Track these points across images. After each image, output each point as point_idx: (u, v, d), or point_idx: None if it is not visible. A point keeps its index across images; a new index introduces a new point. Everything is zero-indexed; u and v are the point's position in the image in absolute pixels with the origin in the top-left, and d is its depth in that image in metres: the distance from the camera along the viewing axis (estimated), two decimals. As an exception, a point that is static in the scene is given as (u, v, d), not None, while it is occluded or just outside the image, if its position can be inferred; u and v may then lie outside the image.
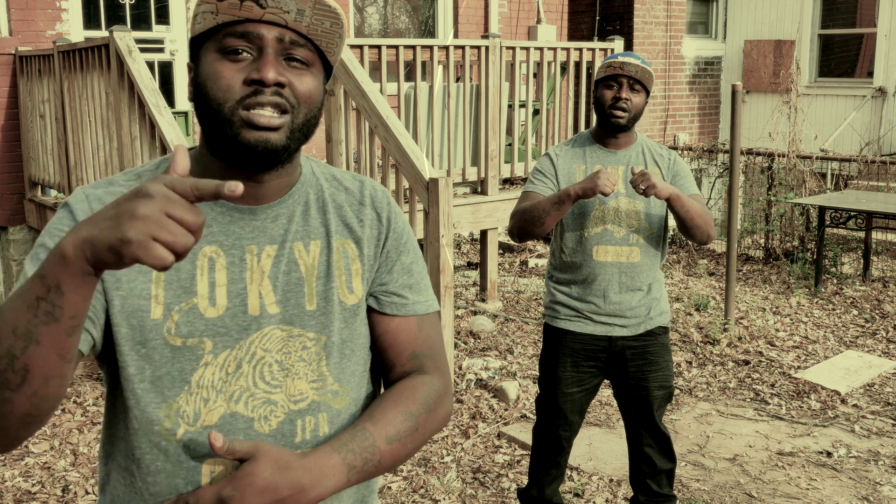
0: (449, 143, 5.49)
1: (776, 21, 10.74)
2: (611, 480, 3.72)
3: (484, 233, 6.12)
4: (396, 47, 5.14)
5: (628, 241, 2.82)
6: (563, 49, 6.15)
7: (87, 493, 3.55)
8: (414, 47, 5.22)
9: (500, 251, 7.99)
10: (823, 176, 8.20)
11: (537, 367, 4.61)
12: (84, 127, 5.32)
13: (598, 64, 3.22)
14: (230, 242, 1.19)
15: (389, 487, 3.60)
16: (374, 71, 5.42)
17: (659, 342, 2.91)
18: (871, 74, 10.23)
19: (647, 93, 2.82)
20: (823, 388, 4.71)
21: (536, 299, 6.42)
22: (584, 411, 3.02)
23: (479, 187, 5.94)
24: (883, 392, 4.68)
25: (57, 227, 1.15)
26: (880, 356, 5.25)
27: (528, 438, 3.89)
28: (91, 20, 6.69)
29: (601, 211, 2.81)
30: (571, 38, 10.19)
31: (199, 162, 1.22)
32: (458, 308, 6.08)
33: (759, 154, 7.94)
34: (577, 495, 3.59)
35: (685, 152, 8.53)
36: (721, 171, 8.28)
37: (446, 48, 5.40)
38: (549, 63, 6.15)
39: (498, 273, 6.79)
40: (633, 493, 3.26)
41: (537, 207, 2.74)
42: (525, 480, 3.64)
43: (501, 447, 4.01)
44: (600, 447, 4.02)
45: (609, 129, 2.83)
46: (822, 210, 6.80)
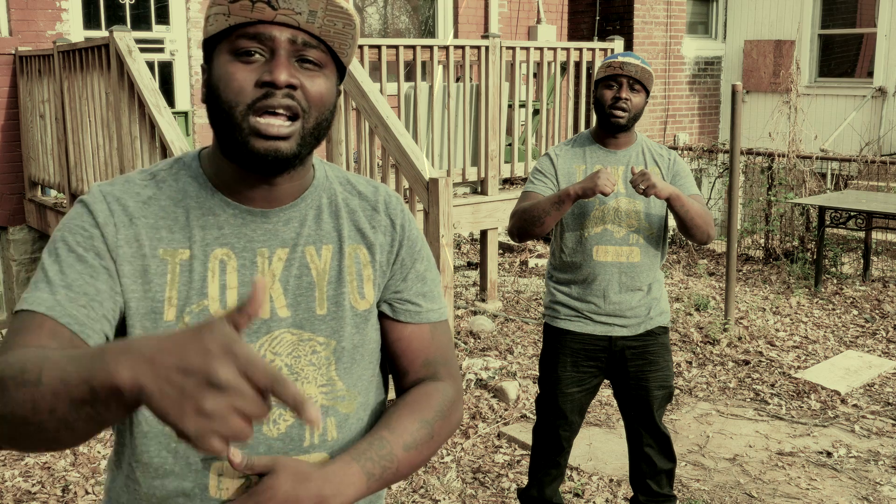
0: (449, 143, 5.49)
1: (776, 21, 10.74)
2: (611, 480, 3.72)
3: (484, 233, 6.12)
4: (396, 47, 5.14)
5: (628, 241, 2.82)
6: (563, 49, 6.15)
7: (87, 493, 3.55)
8: (414, 47, 5.22)
9: (500, 251, 7.99)
10: (823, 176, 8.20)
11: (537, 367, 4.60)
12: (84, 127, 5.32)
13: (598, 64, 3.22)
14: (242, 245, 1.19)
15: (389, 487, 3.61)
16: (374, 71, 5.42)
17: (659, 342, 2.91)
18: (871, 74, 10.23)
19: (647, 93, 2.82)
20: (823, 388, 4.71)
21: (536, 299, 6.42)
22: (584, 411, 3.02)
23: (479, 187, 5.94)
24: (883, 392, 4.68)
25: (77, 224, 1.15)
26: (880, 356, 5.25)
27: (528, 438, 3.89)
28: (91, 20, 6.69)
29: (601, 211, 2.81)
30: (571, 38, 10.19)
31: (212, 162, 1.22)
32: (458, 308, 6.08)
33: (759, 154, 7.94)
34: (577, 495, 3.59)
35: (685, 152, 8.53)
36: (721, 171, 8.28)
37: (446, 48, 5.40)
38: (549, 63, 6.15)
39: (498, 273, 6.79)
40: (633, 493, 3.26)
41: (537, 207, 2.74)
42: (525, 480, 3.64)
43: (501, 447, 4.01)
44: (600, 447, 4.02)
45: (609, 129, 2.83)
46: (822, 210, 6.80)
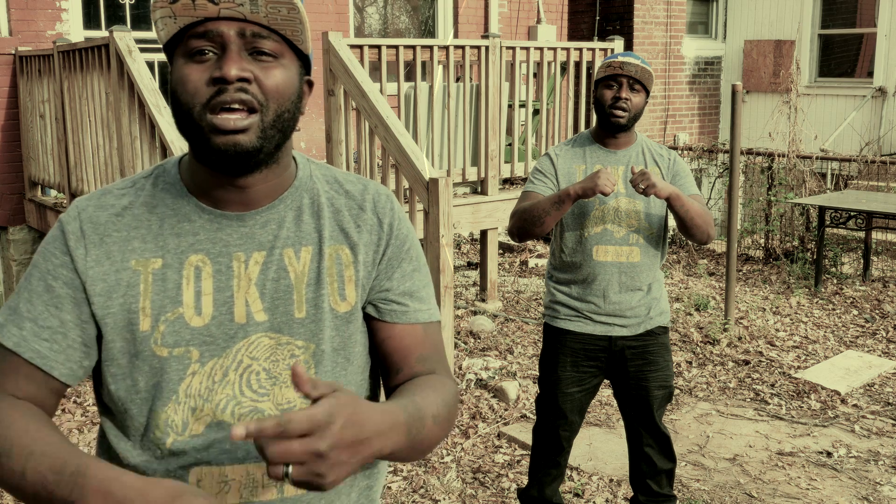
0: (449, 143, 5.49)
1: (776, 21, 10.74)
2: (611, 480, 3.72)
3: (484, 233, 6.12)
4: (396, 47, 5.14)
5: (628, 241, 2.82)
6: (563, 49, 6.15)
7: (87, 493, 3.54)
8: (414, 47, 5.22)
9: (500, 251, 7.99)
10: (823, 176, 8.20)
11: (537, 367, 4.60)
12: (84, 127, 5.32)
13: (598, 64, 3.22)
14: (217, 250, 1.18)
15: (389, 488, 3.60)
16: (374, 71, 5.42)
17: (659, 342, 2.91)
18: (871, 74, 10.23)
19: (647, 93, 2.82)
20: (823, 388, 4.71)
21: (536, 299, 6.42)
22: (584, 411, 3.01)
23: (479, 187, 5.94)
24: (883, 392, 4.68)
25: (50, 251, 1.18)
26: (880, 356, 5.25)
27: (528, 438, 3.89)
28: (91, 20, 6.69)
29: (601, 211, 2.81)
30: (571, 38, 10.19)
31: (189, 168, 1.21)
32: (458, 308, 6.08)
33: (759, 154, 7.94)
34: (577, 495, 3.59)
35: (685, 152, 8.52)
36: (721, 171, 8.28)
37: (446, 48, 5.40)
38: (549, 63, 6.15)
39: (498, 273, 6.79)
40: (633, 493, 3.26)
41: (537, 207, 2.74)
42: (525, 480, 3.64)
43: (501, 447, 4.01)
44: (600, 447, 4.02)
45: (609, 129, 2.83)
46: (822, 210, 6.80)
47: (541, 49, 5.98)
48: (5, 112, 6.42)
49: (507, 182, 6.49)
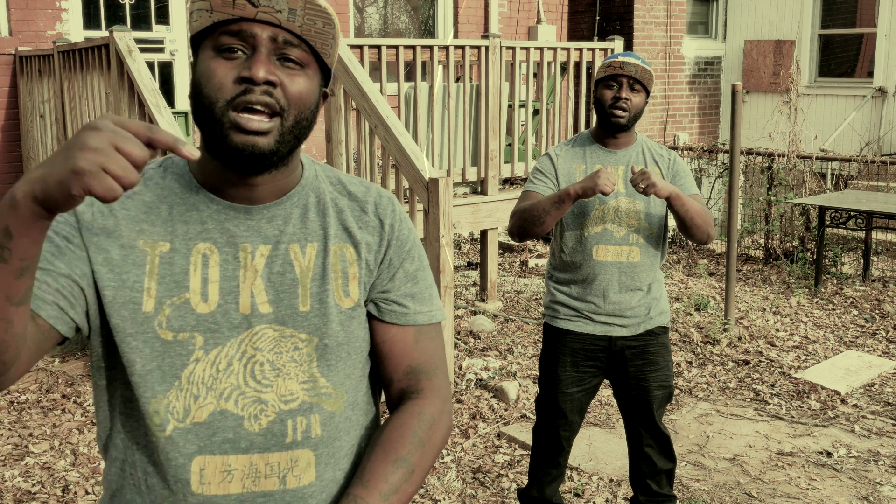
0: (449, 143, 5.49)
1: (776, 21, 10.74)
2: (611, 480, 3.72)
3: (484, 233, 6.12)
4: (396, 47, 5.14)
5: (628, 241, 2.82)
6: (563, 49, 6.15)
7: (87, 493, 3.55)
8: (414, 47, 5.22)
9: (500, 251, 7.99)
10: (823, 176, 8.20)
11: (537, 367, 4.61)
12: (84, 127, 5.32)
13: (599, 64, 3.22)
14: (224, 240, 1.19)
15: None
16: (374, 71, 5.42)
17: (659, 342, 2.91)
18: (871, 74, 10.23)
19: (648, 93, 2.82)
20: (823, 388, 4.71)
21: (536, 299, 6.42)
22: (583, 411, 3.01)
23: (479, 187, 5.94)
24: (883, 392, 4.68)
25: (57, 220, 1.16)
26: (880, 356, 5.25)
27: (528, 438, 3.89)
28: (91, 20, 6.69)
29: (601, 210, 2.81)
30: (571, 38, 10.19)
31: (198, 161, 1.22)
32: (458, 308, 6.08)
33: (759, 154, 7.94)
34: (577, 495, 3.59)
35: (685, 152, 8.53)
36: (721, 171, 8.28)
37: (446, 48, 5.40)
38: (549, 63, 6.15)
39: (498, 273, 6.79)
40: (633, 493, 3.26)
41: (537, 207, 2.74)
42: (525, 480, 3.64)
43: (501, 447, 4.01)
44: (600, 447, 4.02)
45: (609, 129, 2.83)
46: (822, 210, 6.80)
47: (541, 49, 5.98)
48: (5, 112, 6.42)
49: (507, 182, 6.49)
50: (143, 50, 4.63)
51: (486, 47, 5.62)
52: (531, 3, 9.30)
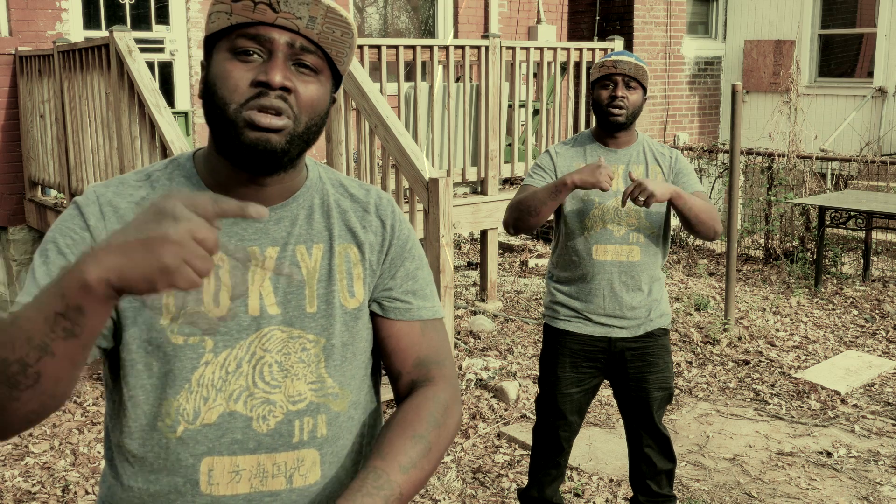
0: (449, 143, 5.49)
1: (776, 21, 10.74)
2: (611, 480, 3.72)
3: (484, 233, 6.12)
4: (396, 47, 5.14)
5: (628, 240, 2.81)
6: (563, 49, 6.15)
7: (87, 493, 3.55)
8: (414, 47, 5.22)
9: (500, 251, 7.99)
10: (823, 176, 8.20)
11: (537, 367, 4.61)
12: (84, 127, 5.32)
13: (597, 64, 3.20)
14: (233, 244, 1.20)
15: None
16: (374, 71, 5.42)
17: (659, 344, 2.90)
18: (871, 74, 10.23)
19: (645, 89, 2.81)
20: (823, 388, 4.71)
21: (536, 299, 6.42)
22: (583, 412, 3.01)
23: (479, 187, 5.94)
24: (883, 392, 4.68)
25: (68, 227, 1.17)
26: (880, 356, 5.25)
27: (528, 438, 3.89)
28: (91, 20, 6.69)
29: (601, 209, 2.81)
30: (571, 38, 10.18)
31: (206, 162, 1.23)
32: (458, 308, 6.08)
33: (759, 154, 7.94)
34: (577, 495, 3.59)
35: (685, 152, 8.53)
36: (721, 171, 8.28)
37: (446, 48, 5.40)
38: (549, 63, 6.15)
39: (498, 273, 6.79)
40: (633, 494, 3.26)
41: (534, 196, 2.72)
42: (525, 480, 3.64)
43: (501, 447, 4.01)
44: (600, 447, 4.02)
45: (609, 129, 2.83)
46: (822, 210, 6.80)
47: (541, 49, 5.98)
48: (5, 112, 6.42)
49: (508, 182, 6.49)
50: (143, 50, 4.63)
51: (486, 47, 5.62)
52: (531, 3, 9.30)
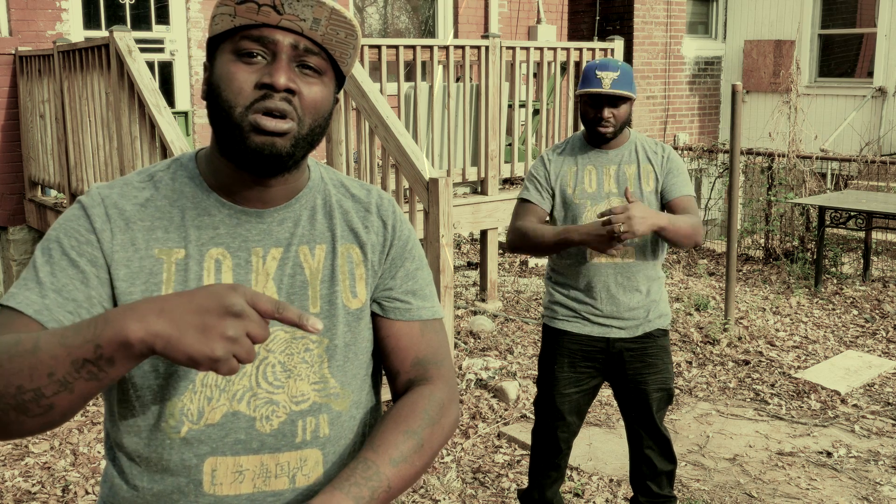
0: (449, 143, 5.49)
1: (776, 21, 10.74)
2: (611, 480, 3.72)
3: (484, 233, 6.12)
4: (396, 47, 5.14)
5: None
6: (563, 49, 6.15)
7: (87, 493, 3.55)
8: (414, 47, 5.22)
9: (500, 251, 7.99)
10: (823, 176, 8.20)
11: (537, 367, 4.61)
12: (84, 127, 5.32)
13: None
14: (237, 245, 1.21)
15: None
16: (374, 71, 5.42)
17: (658, 344, 2.90)
18: (871, 74, 10.23)
19: (632, 98, 2.77)
20: (823, 388, 4.71)
21: (536, 299, 6.42)
22: (583, 413, 3.01)
23: (479, 187, 5.94)
24: (883, 392, 4.68)
25: (73, 228, 1.17)
26: (880, 356, 5.25)
27: (527, 438, 3.89)
28: (91, 20, 6.69)
29: (594, 212, 2.80)
30: (571, 38, 10.19)
31: (209, 163, 1.23)
32: (458, 308, 6.08)
33: (759, 154, 7.94)
34: (577, 495, 3.59)
35: (685, 152, 8.53)
36: (721, 171, 8.28)
37: (446, 48, 5.40)
38: (549, 63, 6.15)
39: (498, 273, 6.79)
40: (633, 494, 3.26)
41: (538, 237, 2.74)
42: (525, 480, 3.64)
43: (501, 447, 4.01)
44: (600, 447, 4.02)
45: (596, 142, 2.83)
46: (822, 210, 6.80)
47: (541, 49, 5.98)
48: (5, 112, 6.42)
49: (507, 182, 6.49)
50: (143, 50, 4.63)
51: (486, 47, 5.62)
52: (531, 3, 9.30)
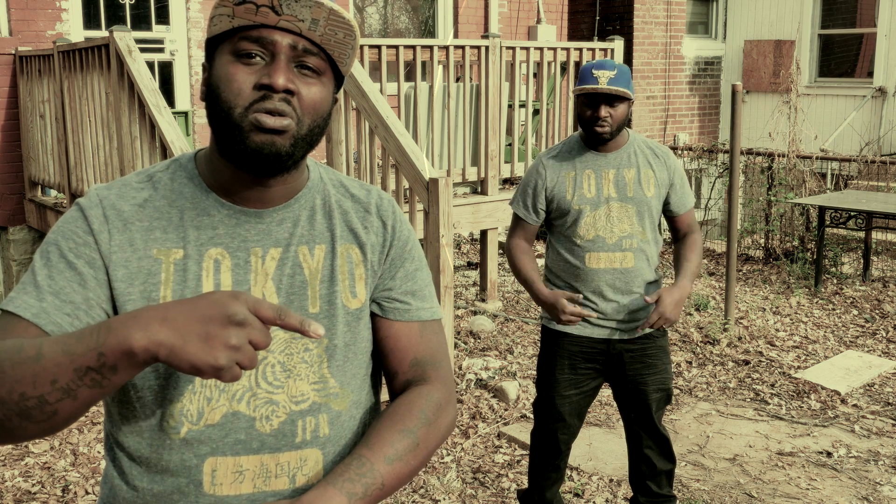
0: (449, 143, 5.49)
1: (776, 21, 10.74)
2: (611, 480, 3.72)
3: (484, 233, 6.12)
4: (396, 47, 5.14)
5: (621, 247, 2.79)
6: (563, 49, 6.15)
7: (87, 493, 3.55)
8: (414, 47, 5.22)
9: (500, 251, 7.99)
10: (823, 176, 8.20)
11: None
12: (84, 127, 5.32)
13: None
14: (236, 245, 1.21)
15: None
16: (374, 71, 5.42)
17: (657, 345, 2.90)
18: (871, 74, 10.23)
19: (630, 98, 2.75)
20: (823, 388, 4.71)
21: (536, 299, 6.42)
22: (582, 414, 3.00)
23: (479, 187, 5.94)
24: (883, 392, 4.68)
25: (70, 230, 1.17)
26: (880, 356, 5.25)
27: (527, 438, 3.89)
28: (91, 20, 6.69)
29: (592, 217, 2.79)
30: (571, 38, 10.19)
31: (208, 164, 1.23)
32: (458, 308, 6.08)
33: (759, 154, 7.94)
34: (577, 495, 3.59)
35: (685, 152, 8.53)
36: (721, 171, 8.28)
37: (446, 48, 5.40)
38: (549, 63, 6.15)
39: (498, 273, 6.79)
40: (632, 494, 3.26)
41: (515, 271, 2.93)
42: (525, 480, 3.64)
43: (501, 447, 4.01)
44: (600, 447, 4.02)
45: (594, 144, 2.81)
46: (822, 210, 6.80)
47: (541, 49, 5.98)
48: (5, 112, 6.42)
49: (507, 182, 6.49)
50: (143, 50, 4.63)
51: (486, 47, 5.62)
52: (531, 3, 9.30)
